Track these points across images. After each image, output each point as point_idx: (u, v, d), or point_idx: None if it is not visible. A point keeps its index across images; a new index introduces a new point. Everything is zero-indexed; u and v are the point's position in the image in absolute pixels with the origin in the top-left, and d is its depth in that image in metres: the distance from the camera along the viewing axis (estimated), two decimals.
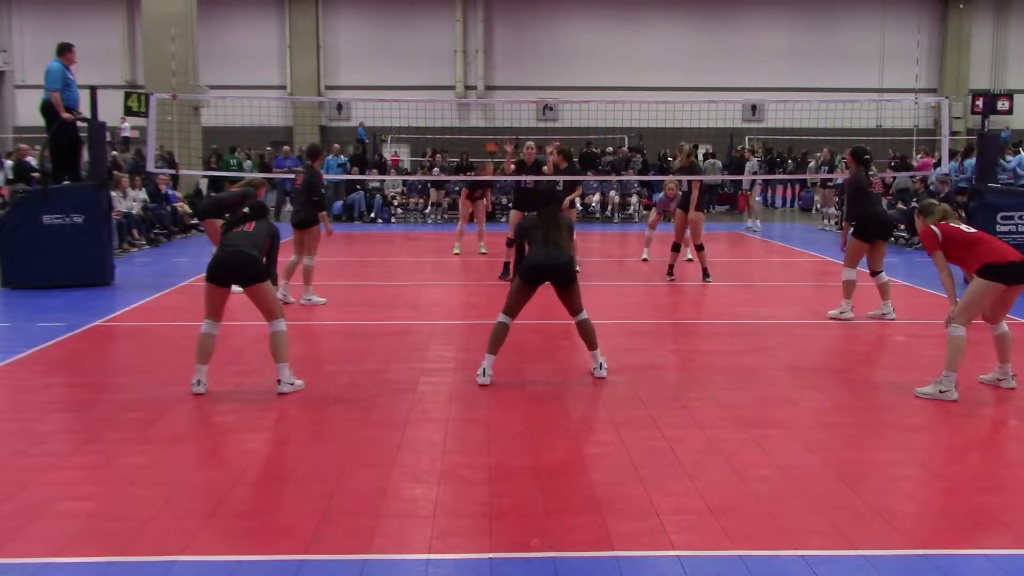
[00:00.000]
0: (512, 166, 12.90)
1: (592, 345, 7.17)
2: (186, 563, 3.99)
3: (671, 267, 12.39)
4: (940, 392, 6.49)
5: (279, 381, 6.77)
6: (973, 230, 6.81)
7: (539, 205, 7.43)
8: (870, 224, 9.46)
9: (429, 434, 5.78)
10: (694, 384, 7.15)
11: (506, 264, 12.36)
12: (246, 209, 7.07)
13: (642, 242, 14.93)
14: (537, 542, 4.16)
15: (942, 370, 6.52)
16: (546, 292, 7.32)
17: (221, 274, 6.70)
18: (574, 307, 7.12)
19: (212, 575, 3.92)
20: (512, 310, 7.04)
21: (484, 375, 6.93)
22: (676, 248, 12.43)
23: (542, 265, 6.95)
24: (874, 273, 9.64)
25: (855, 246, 9.54)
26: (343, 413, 6.28)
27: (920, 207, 7.07)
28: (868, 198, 9.58)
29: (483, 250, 15.13)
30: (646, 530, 4.33)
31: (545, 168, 12.58)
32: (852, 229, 9.53)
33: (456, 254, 14.89)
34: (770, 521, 4.44)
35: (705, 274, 12.23)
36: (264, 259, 6.78)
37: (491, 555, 4.06)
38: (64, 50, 12.09)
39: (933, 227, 6.69)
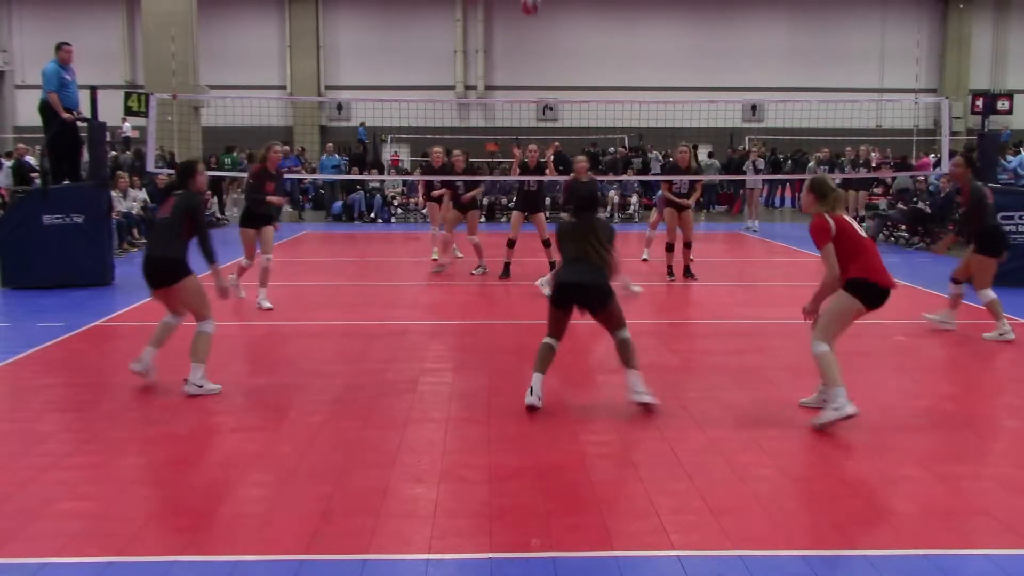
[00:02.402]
0: (518, 169, 12.96)
1: (629, 363, 6.36)
2: (186, 563, 3.99)
3: (670, 267, 12.44)
4: (835, 410, 5.79)
5: (186, 380, 6.67)
6: (864, 235, 6.08)
7: (576, 211, 6.59)
8: (998, 238, 8.96)
9: (429, 434, 5.78)
10: (694, 384, 7.15)
11: (506, 264, 12.37)
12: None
13: (642, 242, 14.94)
14: (537, 542, 4.16)
15: (827, 391, 5.91)
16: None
17: (146, 280, 6.84)
18: (613, 326, 6.38)
19: (212, 575, 3.92)
20: (554, 332, 6.44)
21: (531, 394, 6.26)
22: (670, 248, 12.45)
23: (571, 284, 6.27)
24: (956, 282, 9.21)
25: (986, 264, 8.90)
26: (343, 413, 6.28)
27: (812, 184, 6.13)
28: (988, 209, 8.98)
29: (458, 254, 14.62)
30: (646, 530, 4.33)
31: (548, 171, 12.60)
32: (974, 247, 8.90)
33: (459, 257, 14.52)
34: (770, 521, 4.44)
35: (686, 271, 12.39)
36: (187, 244, 6.81)
37: (491, 555, 4.06)
38: (57, 49, 12.09)
39: (828, 218, 5.92)
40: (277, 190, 10.43)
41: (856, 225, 6.08)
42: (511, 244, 12.38)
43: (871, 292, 5.90)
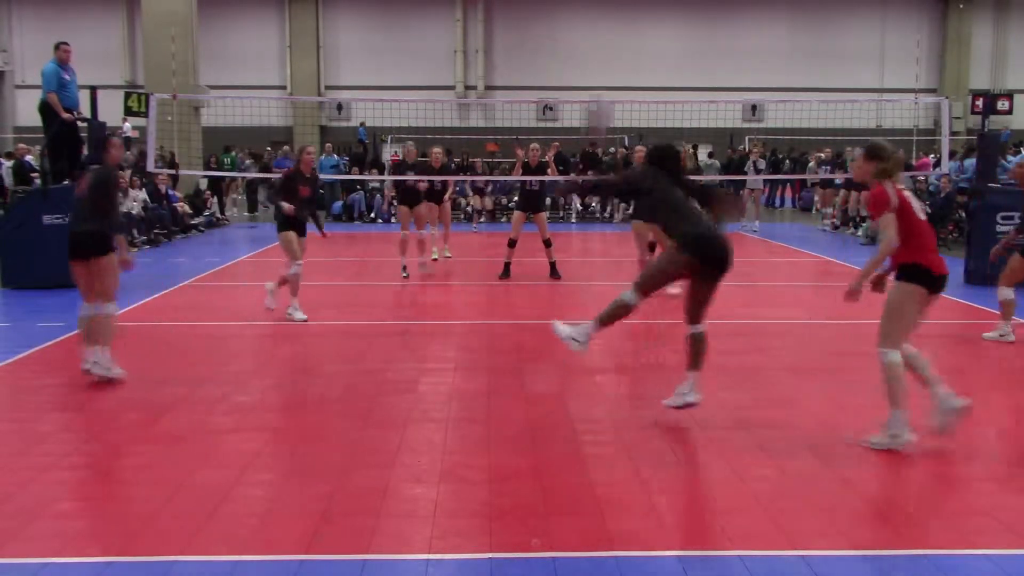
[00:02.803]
0: (520, 170, 12.99)
1: (697, 364, 5.99)
2: (186, 563, 3.99)
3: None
4: (891, 438, 5.38)
5: (90, 361, 6.87)
6: (923, 217, 5.56)
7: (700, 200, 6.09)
8: None
9: (429, 434, 5.77)
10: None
11: (506, 264, 12.37)
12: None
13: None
14: (537, 542, 4.16)
15: (888, 411, 5.40)
16: (545, 293, 7.32)
17: (70, 254, 7.05)
18: (703, 312, 5.96)
19: (212, 575, 3.92)
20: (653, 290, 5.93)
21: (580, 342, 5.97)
22: (651, 248, 12.39)
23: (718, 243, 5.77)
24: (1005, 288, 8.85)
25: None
26: (343, 413, 6.28)
27: (868, 149, 5.56)
28: None
29: (447, 254, 14.43)
30: (646, 530, 4.33)
31: (549, 171, 12.60)
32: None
33: (435, 260, 14.02)
34: (770, 521, 4.44)
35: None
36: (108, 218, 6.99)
37: (491, 555, 4.06)
38: (55, 48, 12.09)
39: (888, 188, 5.40)
40: (314, 193, 10.08)
41: (915, 202, 5.53)
42: (512, 244, 12.38)
43: (927, 278, 5.41)
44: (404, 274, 12.45)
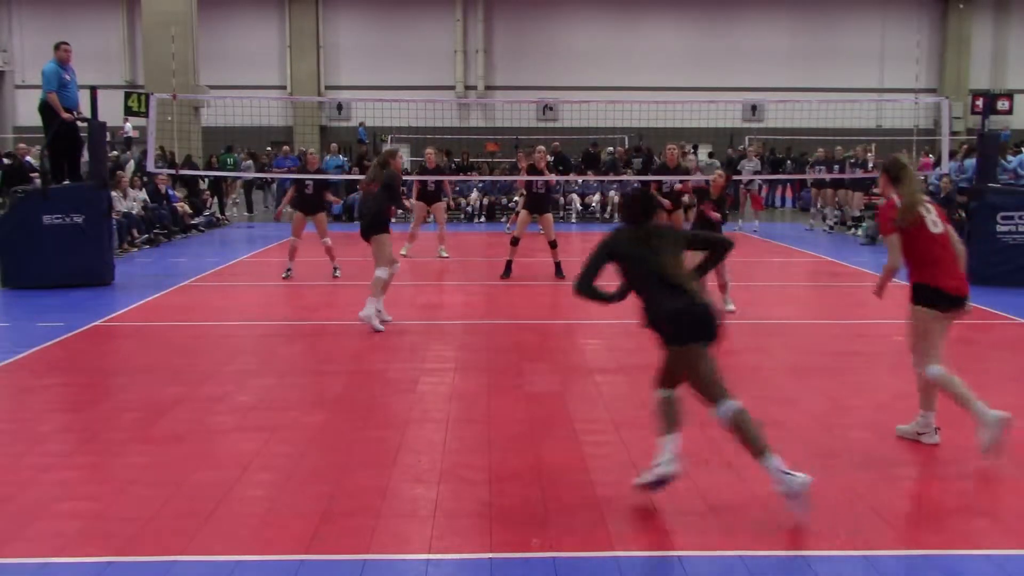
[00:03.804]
0: (525, 174, 13.03)
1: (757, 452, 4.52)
2: (186, 563, 3.99)
3: None
4: (918, 435, 5.64)
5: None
6: (939, 231, 5.39)
7: (634, 217, 4.90)
8: None
9: (429, 434, 5.77)
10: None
11: (508, 263, 12.37)
12: None
13: None
14: (537, 542, 4.16)
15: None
16: (546, 293, 7.32)
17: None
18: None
19: (212, 575, 3.92)
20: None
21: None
22: None
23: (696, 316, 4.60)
24: None
25: None
26: (343, 413, 6.28)
27: (884, 165, 5.48)
28: None
29: (444, 254, 14.69)
30: (646, 530, 4.33)
31: (540, 167, 12.59)
32: None
33: (404, 255, 13.93)
34: (770, 521, 4.44)
35: None
36: None
37: (491, 555, 4.06)
38: (55, 48, 12.09)
39: (898, 203, 5.32)
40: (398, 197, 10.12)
41: (933, 218, 5.34)
42: (515, 242, 12.40)
43: (937, 297, 5.36)
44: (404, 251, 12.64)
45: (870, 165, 20.22)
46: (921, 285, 5.39)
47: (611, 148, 25.83)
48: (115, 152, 21.39)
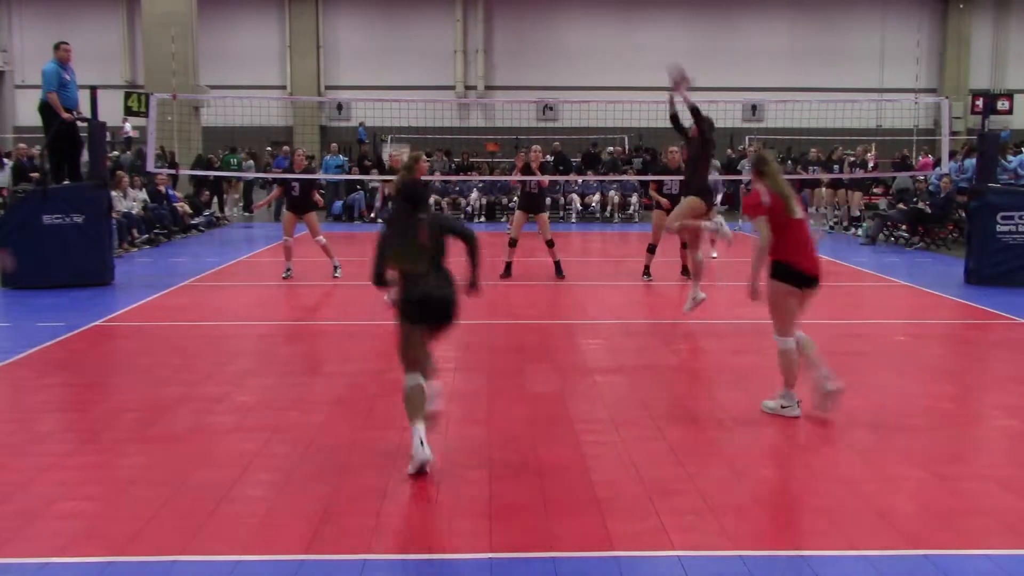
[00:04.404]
0: (519, 173, 13.04)
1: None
2: (186, 563, 3.99)
3: (647, 268, 12.29)
4: (782, 408, 6.11)
5: None
6: (800, 216, 6.02)
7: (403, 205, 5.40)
8: None
9: (429, 434, 5.76)
10: (694, 384, 7.15)
11: (507, 264, 12.38)
12: None
13: (644, 243, 14.91)
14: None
15: (781, 387, 6.10)
16: (546, 293, 7.32)
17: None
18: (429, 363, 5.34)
19: (212, 575, 3.92)
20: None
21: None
22: (651, 250, 12.39)
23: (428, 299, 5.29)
24: None
25: None
26: (343, 413, 6.28)
27: (756, 163, 6.16)
28: None
29: None
30: (646, 530, 4.33)
31: (533, 167, 12.57)
32: None
33: None
34: (770, 521, 4.44)
35: (684, 270, 12.11)
36: None
37: (491, 555, 4.06)
38: (55, 48, 12.09)
39: (763, 192, 5.98)
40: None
41: (793, 205, 6.00)
42: (513, 243, 12.40)
43: (793, 275, 5.98)
44: None
45: (870, 165, 20.23)
46: (780, 262, 6.00)
47: (611, 148, 25.85)
48: (115, 152, 21.39)
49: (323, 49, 33.67)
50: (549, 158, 23.58)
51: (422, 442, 4.97)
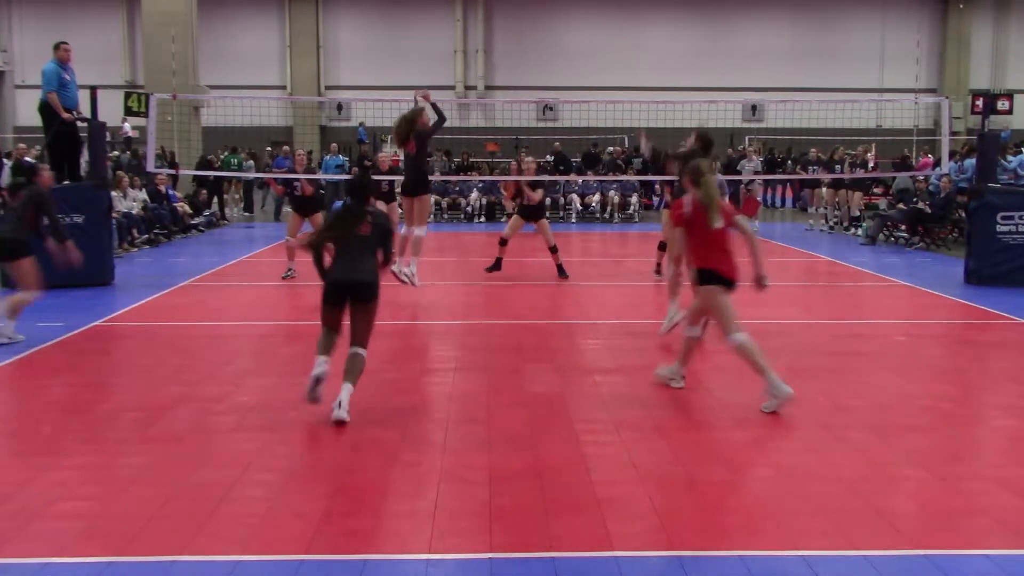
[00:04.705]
0: (512, 189, 13.15)
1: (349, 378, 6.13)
2: (186, 563, 3.99)
3: (659, 265, 12.36)
4: (775, 397, 6.15)
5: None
6: (719, 226, 6.32)
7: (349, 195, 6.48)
8: None
9: (429, 434, 5.77)
10: (694, 384, 7.14)
11: (497, 259, 12.44)
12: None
13: (638, 242, 14.93)
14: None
15: (764, 380, 6.21)
16: (545, 293, 7.31)
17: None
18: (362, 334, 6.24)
19: (212, 575, 3.92)
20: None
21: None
22: (663, 247, 12.46)
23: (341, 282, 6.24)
24: None
25: None
26: None
27: (691, 171, 6.43)
28: None
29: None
30: (646, 530, 4.33)
31: (526, 193, 12.59)
32: None
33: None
34: (770, 521, 4.44)
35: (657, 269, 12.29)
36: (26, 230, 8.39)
37: (491, 555, 4.06)
38: (55, 48, 12.09)
39: (686, 202, 6.38)
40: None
41: (714, 216, 6.28)
42: (503, 242, 12.47)
43: (717, 279, 6.33)
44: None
45: (870, 165, 20.23)
46: (705, 270, 6.36)
47: (611, 148, 25.86)
48: (115, 152, 21.38)
49: (323, 49, 33.69)
50: (549, 158, 23.61)
51: (319, 378, 6.04)
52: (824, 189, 21.14)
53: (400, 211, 14.99)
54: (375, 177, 13.82)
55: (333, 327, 6.37)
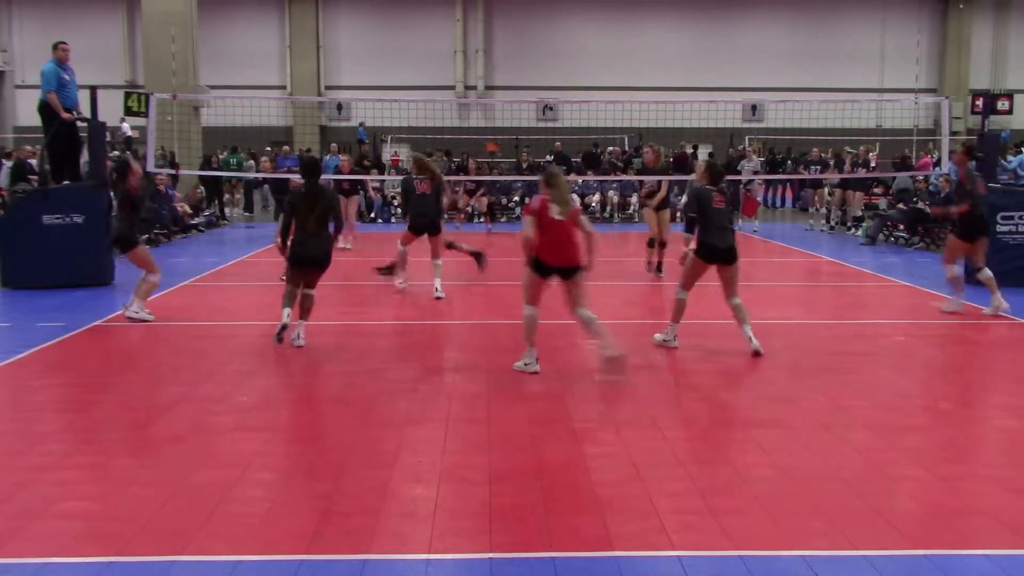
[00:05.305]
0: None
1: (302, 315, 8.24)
2: (186, 563, 3.99)
3: (659, 263, 12.68)
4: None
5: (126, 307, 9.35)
6: (559, 219, 7.09)
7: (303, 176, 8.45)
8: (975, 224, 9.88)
9: (429, 434, 5.77)
10: (694, 384, 7.15)
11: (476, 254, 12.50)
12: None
13: (632, 241, 14.93)
14: None
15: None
16: (547, 292, 7.32)
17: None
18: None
19: (212, 575, 3.92)
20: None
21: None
22: (663, 244, 12.77)
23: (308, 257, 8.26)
24: (977, 270, 9.95)
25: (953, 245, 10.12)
26: (343, 413, 6.28)
27: (547, 178, 7.29)
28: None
29: (348, 246, 15.74)
30: (646, 530, 4.33)
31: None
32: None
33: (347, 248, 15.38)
34: (770, 521, 4.44)
35: (658, 268, 12.72)
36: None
37: (491, 555, 4.06)
38: (54, 48, 12.09)
39: (537, 202, 7.17)
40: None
41: (559, 210, 7.06)
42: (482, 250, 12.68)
43: (540, 266, 7.19)
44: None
45: (872, 165, 20.23)
46: (534, 257, 7.18)
47: (611, 148, 25.87)
48: (115, 152, 21.38)
49: (323, 49, 33.69)
50: (549, 158, 23.61)
51: (285, 325, 8.10)
52: (824, 189, 21.14)
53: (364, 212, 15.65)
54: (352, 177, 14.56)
55: (296, 285, 8.25)
